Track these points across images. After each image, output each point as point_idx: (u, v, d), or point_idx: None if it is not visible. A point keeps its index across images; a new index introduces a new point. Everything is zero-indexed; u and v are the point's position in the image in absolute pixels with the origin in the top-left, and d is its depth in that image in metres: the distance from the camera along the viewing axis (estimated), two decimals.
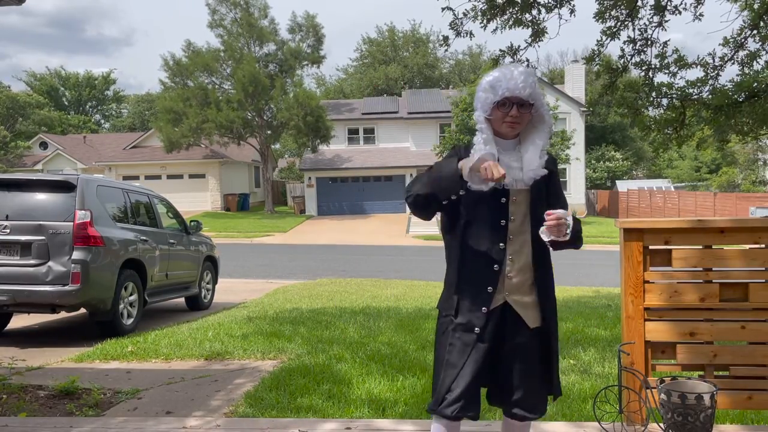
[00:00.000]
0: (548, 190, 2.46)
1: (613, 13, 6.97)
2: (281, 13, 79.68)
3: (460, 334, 2.39)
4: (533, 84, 2.33)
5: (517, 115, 2.34)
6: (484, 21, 6.78)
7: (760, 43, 6.88)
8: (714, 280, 3.40)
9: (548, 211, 2.27)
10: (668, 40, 7.00)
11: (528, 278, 2.42)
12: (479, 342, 2.37)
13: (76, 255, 6.58)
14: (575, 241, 2.37)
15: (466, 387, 2.34)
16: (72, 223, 6.63)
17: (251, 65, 31.51)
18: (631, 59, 7.20)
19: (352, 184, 35.23)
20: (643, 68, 7.18)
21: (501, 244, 2.39)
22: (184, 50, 34.00)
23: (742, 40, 6.94)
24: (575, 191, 37.36)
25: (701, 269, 3.42)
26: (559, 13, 6.75)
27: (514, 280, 2.40)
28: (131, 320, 7.41)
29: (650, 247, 3.43)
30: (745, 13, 7.06)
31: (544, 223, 2.26)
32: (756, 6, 6.91)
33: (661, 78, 7.23)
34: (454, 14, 6.73)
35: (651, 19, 6.97)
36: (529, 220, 2.41)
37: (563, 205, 2.47)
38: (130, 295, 7.43)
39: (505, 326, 2.41)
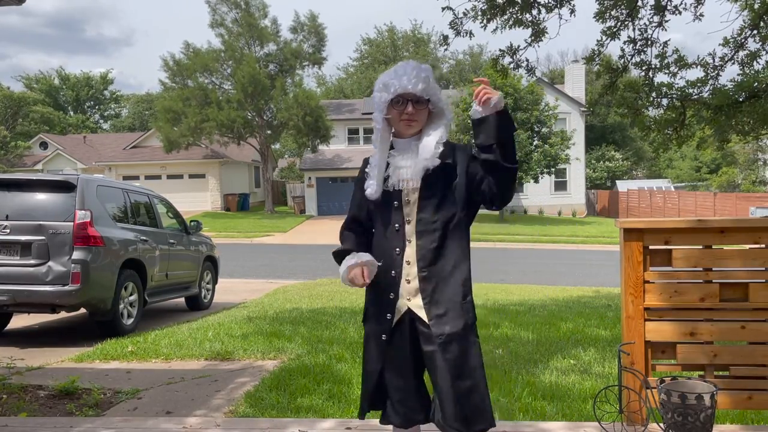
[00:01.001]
0: (450, 183, 2.34)
1: (613, 13, 6.97)
2: (282, 13, 79.69)
3: (372, 342, 2.41)
4: (426, 79, 2.27)
5: (412, 112, 2.29)
6: (484, 21, 6.77)
7: (761, 43, 6.87)
8: (714, 280, 3.40)
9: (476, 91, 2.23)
10: (668, 40, 7.00)
11: (431, 281, 2.32)
12: (390, 350, 2.36)
13: (76, 255, 6.58)
14: (507, 129, 2.24)
15: (388, 392, 2.40)
16: (72, 223, 6.63)
17: (251, 65, 31.50)
18: (631, 59, 7.20)
19: (352, 183, 35.14)
20: (643, 68, 7.18)
21: (397, 249, 2.35)
22: (183, 51, 34.00)
23: (743, 40, 6.94)
24: (575, 191, 37.37)
25: (701, 269, 3.41)
26: (559, 13, 6.75)
27: (412, 285, 2.34)
28: (131, 320, 7.41)
29: (650, 247, 3.43)
30: (745, 13, 7.05)
31: (474, 99, 2.23)
32: (756, 6, 6.91)
33: (661, 78, 7.23)
34: (454, 14, 6.72)
35: (651, 19, 6.97)
36: (420, 218, 2.34)
37: (465, 198, 2.39)
38: (130, 295, 7.43)
39: (416, 334, 2.35)
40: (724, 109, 6.56)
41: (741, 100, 6.60)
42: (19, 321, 8.06)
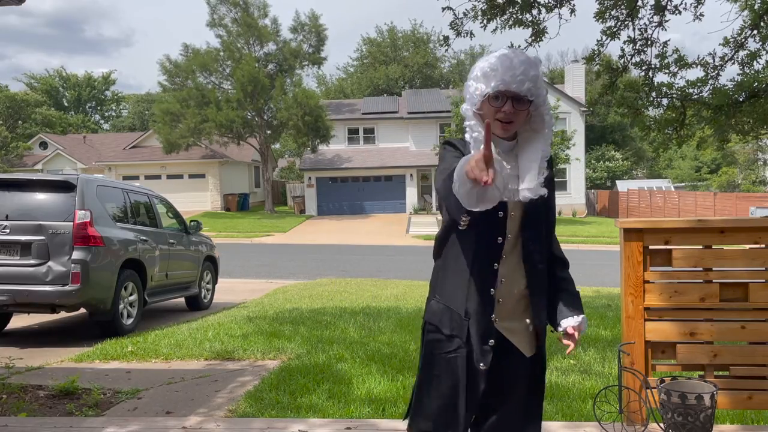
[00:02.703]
0: (549, 198, 2.10)
1: (613, 12, 6.96)
2: (282, 12, 79.74)
3: (472, 367, 2.07)
4: (535, 78, 1.93)
5: (511, 112, 1.94)
6: (485, 21, 6.77)
7: (761, 43, 6.87)
8: (714, 280, 3.40)
9: (568, 332, 2.10)
10: (668, 40, 7.00)
11: (520, 303, 2.11)
12: (481, 378, 2.08)
13: (76, 255, 6.58)
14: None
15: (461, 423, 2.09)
16: (72, 223, 6.63)
17: (250, 65, 31.49)
18: (631, 59, 7.20)
19: (352, 184, 35.24)
20: (644, 68, 7.18)
21: (495, 265, 2.07)
22: (182, 53, 33.99)
23: (743, 40, 6.93)
24: (575, 191, 37.37)
25: (701, 269, 3.41)
26: (559, 13, 6.75)
27: (506, 305, 2.09)
28: (131, 320, 7.41)
29: (650, 247, 3.43)
30: (745, 13, 7.05)
31: (565, 339, 2.12)
32: (756, 6, 6.91)
33: (661, 78, 7.23)
34: (454, 14, 6.72)
35: (651, 19, 6.96)
36: (524, 239, 2.09)
37: (551, 220, 2.19)
38: (130, 295, 7.43)
39: (499, 357, 2.09)
40: (724, 109, 6.56)
41: (741, 100, 6.60)
42: (19, 321, 8.05)
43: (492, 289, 2.06)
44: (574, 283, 2.21)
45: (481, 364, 2.05)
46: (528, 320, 2.12)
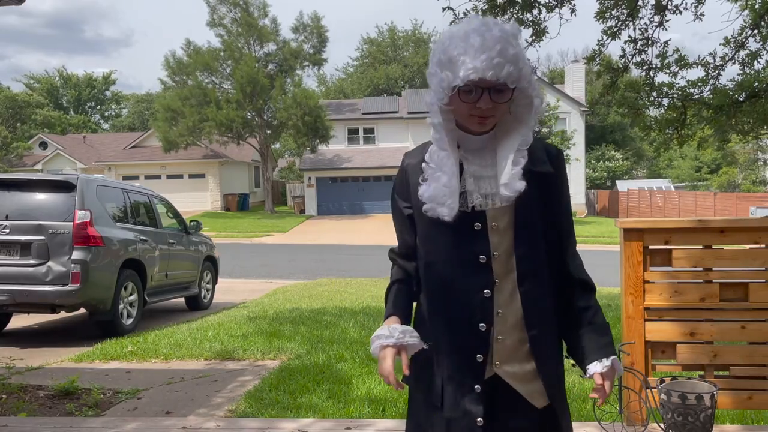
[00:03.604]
0: (543, 199, 1.66)
1: (613, 12, 6.97)
2: (282, 13, 79.71)
3: (444, 425, 1.67)
4: (515, 57, 1.47)
5: (489, 108, 1.52)
6: None
7: (761, 42, 6.87)
8: (714, 280, 3.40)
9: (596, 382, 1.63)
10: (669, 40, 7.00)
11: (523, 338, 1.65)
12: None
13: (76, 255, 6.58)
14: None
15: None
16: (72, 223, 6.63)
17: (249, 65, 31.49)
18: (631, 59, 7.20)
19: (352, 184, 35.24)
20: (644, 68, 7.18)
21: (486, 291, 1.62)
22: (184, 49, 34.01)
23: (743, 39, 6.93)
24: (575, 191, 37.35)
25: (701, 269, 3.41)
26: (559, 13, 6.75)
27: (506, 342, 1.64)
28: (131, 320, 7.41)
29: (650, 247, 3.43)
30: (746, 13, 7.05)
31: (593, 392, 1.64)
32: (756, 6, 6.91)
33: (661, 78, 7.23)
34: (454, 14, 6.72)
35: (652, 19, 6.97)
36: (518, 254, 1.63)
37: (564, 230, 1.72)
38: (130, 295, 7.42)
39: (498, 408, 1.65)
40: (724, 109, 6.57)
41: (741, 99, 6.60)
42: (19, 321, 8.05)
43: (482, 324, 1.62)
44: (600, 311, 1.73)
45: (478, 420, 1.61)
46: (533, 364, 1.66)
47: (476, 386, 1.64)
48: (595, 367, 1.66)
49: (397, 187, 1.77)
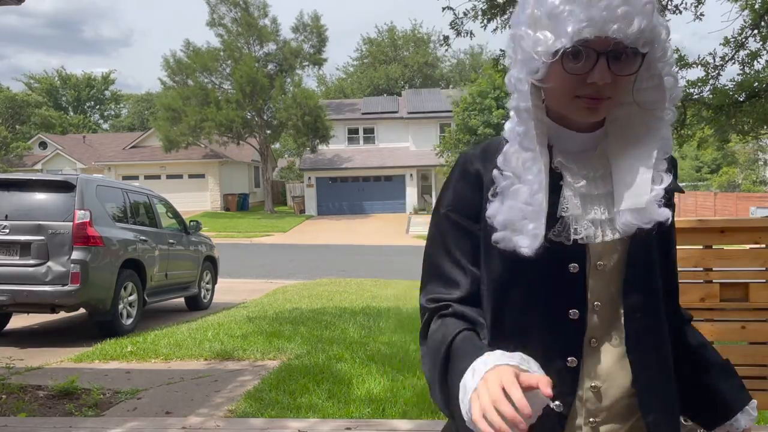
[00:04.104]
0: (665, 236, 1.25)
1: None
2: (282, 13, 79.74)
3: None
4: (649, 10, 1.01)
5: (607, 81, 1.02)
6: (485, 21, 6.77)
7: (761, 42, 6.87)
8: (714, 280, 3.40)
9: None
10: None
11: (626, 413, 1.16)
12: None
13: (76, 255, 6.57)
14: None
15: None
16: (71, 223, 6.63)
17: (248, 65, 31.48)
18: None
19: (352, 184, 35.24)
20: None
21: (571, 358, 1.12)
22: (183, 50, 34.01)
23: (743, 39, 6.93)
24: None
25: (701, 269, 3.41)
26: None
27: (600, 418, 1.14)
28: (131, 320, 7.41)
29: None
30: (746, 12, 7.05)
31: None
32: (756, 6, 6.91)
33: None
34: (454, 14, 6.72)
35: None
36: (623, 305, 1.15)
37: (673, 269, 1.34)
38: (130, 295, 7.42)
39: None
40: (724, 109, 6.56)
41: (741, 99, 6.60)
42: (19, 321, 8.05)
43: (558, 403, 1.11)
44: (713, 346, 1.35)
45: None
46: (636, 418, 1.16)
47: None
48: (746, 420, 1.23)
49: (456, 200, 1.19)
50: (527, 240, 1.07)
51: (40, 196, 6.87)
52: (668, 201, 1.17)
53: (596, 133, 1.15)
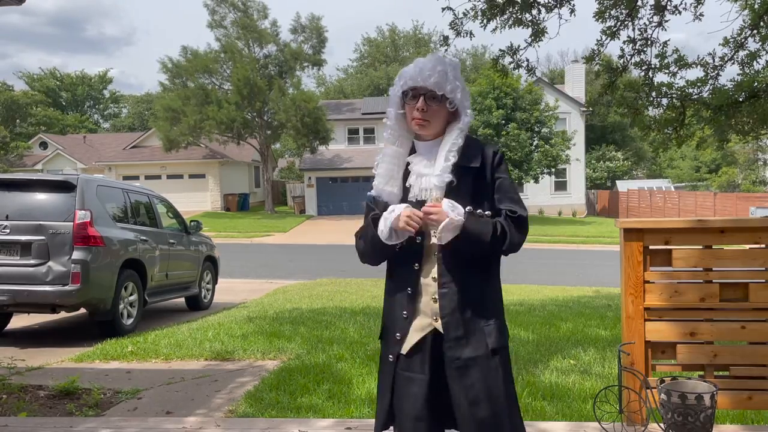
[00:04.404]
0: (479, 189, 2.08)
1: (613, 12, 6.96)
2: (283, 13, 79.72)
3: (383, 364, 2.18)
4: (443, 72, 2.01)
5: (423, 108, 2.03)
6: (484, 21, 6.77)
7: (760, 43, 6.87)
8: (714, 280, 3.40)
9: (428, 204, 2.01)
10: (668, 40, 6.99)
11: (453, 300, 2.05)
12: (407, 372, 2.09)
13: (76, 255, 6.58)
14: (479, 242, 2.01)
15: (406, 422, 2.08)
16: (72, 223, 6.63)
17: (245, 68, 31.45)
18: (631, 59, 7.19)
19: (352, 184, 35.24)
20: (643, 68, 7.17)
21: (416, 265, 2.09)
22: (181, 55, 33.96)
23: (743, 40, 6.93)
24: (575, 191, 37.38)
25: (701, 269, 3.41)
26: (559, 13, 6.74)
27: (437, 303, 2.07)
28: (131, 320, 7.41)
29: (650, 247, 3.43)
30: (745, 12, 7.05)
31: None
32: (756, 6, 6.91)
33: (661, 78, 7.22)
34: (454, 14, 6.72)
35: (651, 19, 6.96)
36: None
37: (502, 202, 2.11)
38: (130, 295, 7.43)
39: (440, 358, 2.07)
40: (723, 109, 6.57)
41: (741, 100, 6.60)
42: (19, 321, 8.06)
43: (410, 289, 2.10)
44: (501, 223, 2.07)
45: (389, 356, 2.13)
46: (463, 316, 2.05)
47: (397, 335, 2.12)
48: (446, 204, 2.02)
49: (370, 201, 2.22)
50: (386, 196, 2.12)
51: (41, 196, 6.87)
52: (461, 172, 2.05)
53: (432, 142, 2.13)
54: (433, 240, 2.06)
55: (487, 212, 2.06)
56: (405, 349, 2.09)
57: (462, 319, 2.05)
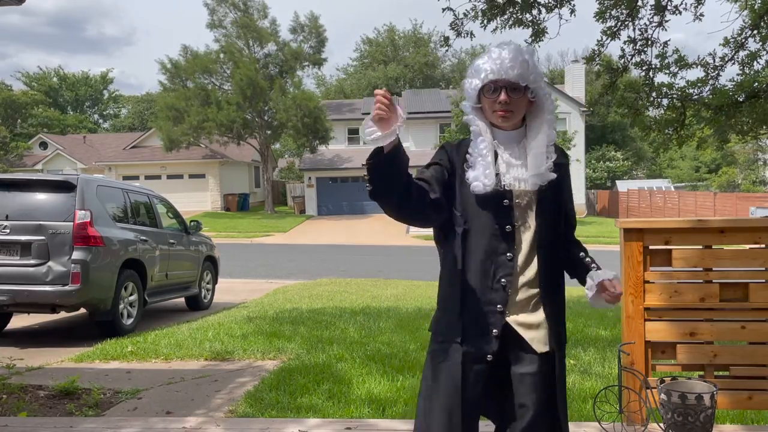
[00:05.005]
0: (562, 187, 2.11)
1: (613, 12, 6.96)
2: (283, 13, 79.71)
3: (470, 365, 2.02)
4: (525, 63, 1.96)
5: (507, 101, 1.97)
6: (485, 21, 6.77)
7: (761, 43, 6.87)
8: (714, 280, 3.40)
9: (608, 284, 1.99)
10: (668, 40, 7.00)
11: (535, 294, 2.06)
12: (489, 371, 2.04)
13: (76, 255, 6.58)
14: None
15: (467, 422, 2.03)
16: (72, 223, 6.63)
17: (248, 68, 31.45)
18: (631, 59, 7.20)
19: (352, 184, 35.23)
20: (644, 68, 7.18)
21: (509, 254, 2.02)
22: (181, 54, 33.96)
23: (743, 40, 6.94)
24: (575, 191, 37.23)
25: (701, 269, 3.41)
26: (559, 13, 6.75)
27: (518, 297, 2.05)
28: (131, 320, 7.41)
29: (650, 247, 3.43)
30: (745, 13, 7.06)
31: (600, 293, 2.01)
32: (756, 6, 6.91)
33: (661, 78, 7.23)
34: (454, 14, 6.72)
35: (651, 19, 6.96)
36: (536, 226, 2.05)
37: (569, 210, 2.16)
38: (130, 295, 7.43)
39: (509, 353, 2.06)
40: (724, 109, 6.57)
41: (741, 100, 6.61)
42: (19, 321, 8.05)
43: (503, 279, 2.01)
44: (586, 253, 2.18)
45: (488, 356, 2.01)
46: (543, 314, 2.06)
47: (494, 330, 2.02)
48: (601, 275, 2.02)
49: (442, 155, 2.10)
50: (481, 186, 1.99)
51: (41, 196, 6.87)
52: (557, 170, 2.05)
53: (515, 132, 2.08)
54: (528, 230, 2.05)
55: (587, 259, 2.15)
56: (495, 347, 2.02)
57: (559, 320, 2.12)
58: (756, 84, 6.60)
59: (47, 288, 6.52)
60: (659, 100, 7.18)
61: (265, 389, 4.40)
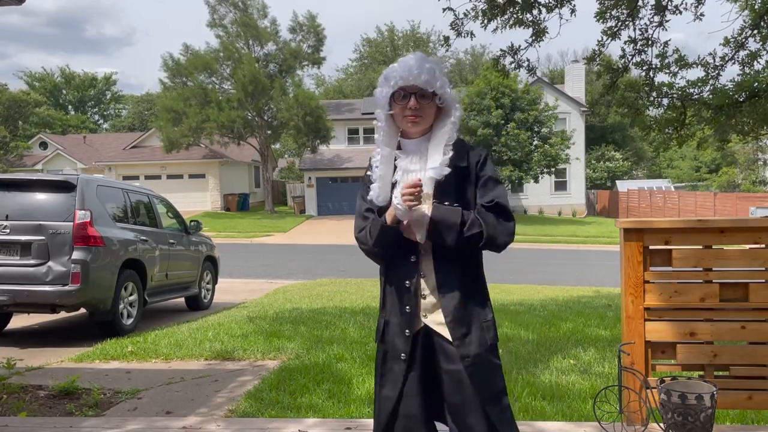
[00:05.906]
0: (464, 188, 2.12)
1: (613, 12, 6.97)
2: (283, 13, 79.68)
3: (390, 363, 2.16)
4: (431, 70, 2.05)
5: (416, 106, 2.06)
6: (485, 21, 6.78)
7: (761, 43, 6.87)
8: (714, 280, 3.40)
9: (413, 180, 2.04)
10: (669, 40, 7.00)
11: (443, 296, 2.11)
12: (409, 371, 2.12)
13: (76, 255, 6.58)
14: (445, 234, 2.04)
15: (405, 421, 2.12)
16: (72, 223, 6.63)
17: (251, 65, 31.47)
18: (631, 59, 7.20)
19: (353, 184, 35.22)
20: (644, 68, 7.18)
21: (413, 257, 2.12)
22: (182, 53, 33.96)
23: (743, 40, 6.94)
24: (575, 191, 37.36)
25: (701, 269, 3.41)
26: (559, 13, 6.75)
27: (428, 299, 2.13)
28: (131, 320, 7.41)
29: (650, 247, 3.43)
30: (746, 13, 7.06)
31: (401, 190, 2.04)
32: (756, 6, 6.91)
33: (661, 78, 7.23)
34: (454, 14, 6.72)
35: (651, 19, 6.97)
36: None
37: (482, 197, 2.13)
38: (130, 295, 7.42)
39: (433, 354, 2.14)
40: (724, 109, 6.57)
41: (741, 100, 6.61)
42: (19, 321, 8.06)
43: (407, 282, 2.12)
44: (473, 213, 2.10)
45: (402, 355, 2.11)
46: (455, 313, 2.08)
47: (406, 331, 2.12)
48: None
49: (365, 182, 2.24)
50: (377, 197, 2.11)
51: (41, 196, 6.87)
52: (454, 171, 2.08)
53: (421, 139, 2.16)
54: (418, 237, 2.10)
55: (455, 204, 2.08)
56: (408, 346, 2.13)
57: (464, 316, 2.09)
58: (756, 84, 6.60)
59: (47, 288, 6.51)
60: (659, 99, 7.18)
61: (265, 389, 4.41)
